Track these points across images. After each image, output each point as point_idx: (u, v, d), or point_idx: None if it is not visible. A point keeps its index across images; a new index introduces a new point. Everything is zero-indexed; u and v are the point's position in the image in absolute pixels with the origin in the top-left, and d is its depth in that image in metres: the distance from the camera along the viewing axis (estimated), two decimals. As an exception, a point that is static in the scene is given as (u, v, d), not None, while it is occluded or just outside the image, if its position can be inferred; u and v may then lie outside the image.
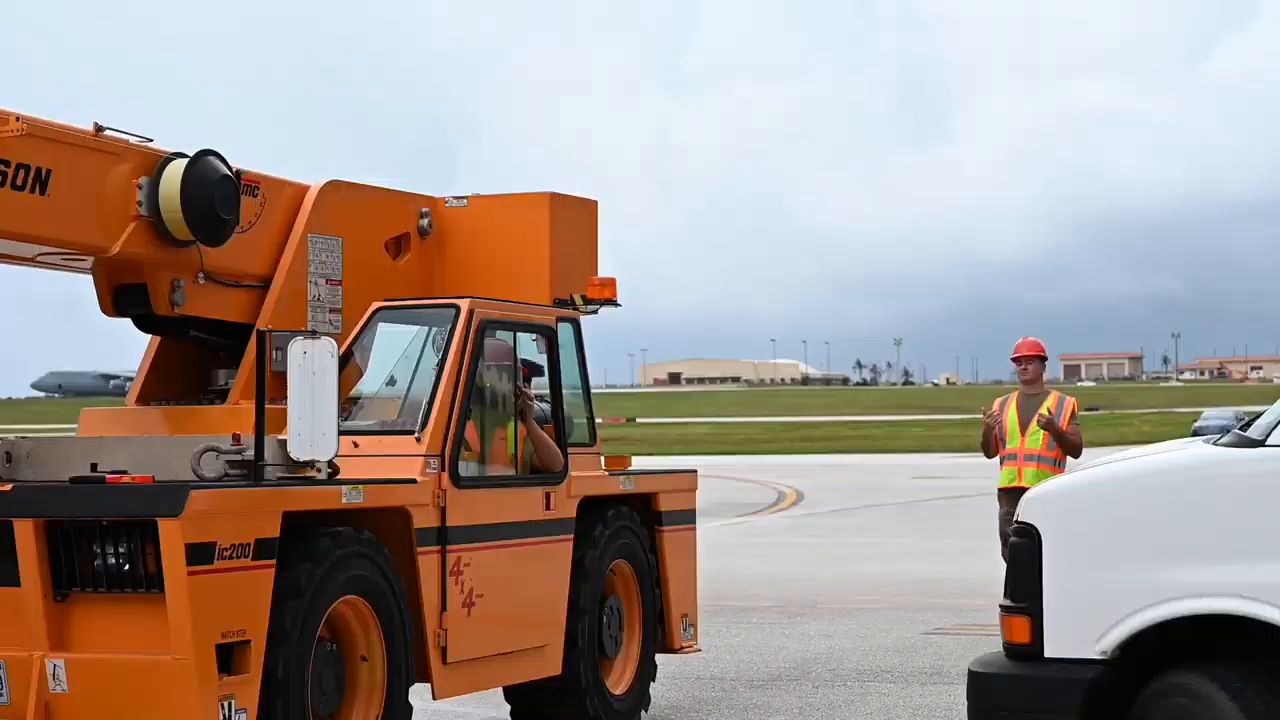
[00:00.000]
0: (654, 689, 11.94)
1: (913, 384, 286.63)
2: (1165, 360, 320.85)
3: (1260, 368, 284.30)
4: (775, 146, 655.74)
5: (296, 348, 8.65)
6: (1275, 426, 7.38)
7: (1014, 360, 14.22)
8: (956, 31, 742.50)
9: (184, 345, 10.63)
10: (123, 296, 10.07)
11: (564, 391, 11.08)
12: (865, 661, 14.41)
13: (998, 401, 14.12)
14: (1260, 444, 7.38)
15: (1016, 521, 7.81)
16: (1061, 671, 7.52)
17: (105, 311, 10.16)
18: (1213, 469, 7.52)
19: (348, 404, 10.00)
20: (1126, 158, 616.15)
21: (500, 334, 10.49)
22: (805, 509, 38.04)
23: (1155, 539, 7.47)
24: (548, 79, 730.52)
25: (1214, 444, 7.72)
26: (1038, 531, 7.64)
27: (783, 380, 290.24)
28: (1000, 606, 7.83)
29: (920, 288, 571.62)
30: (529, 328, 10.84)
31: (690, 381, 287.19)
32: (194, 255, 9.97)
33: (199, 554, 8.08)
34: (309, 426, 8.61)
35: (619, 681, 11.52)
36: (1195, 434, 50.17)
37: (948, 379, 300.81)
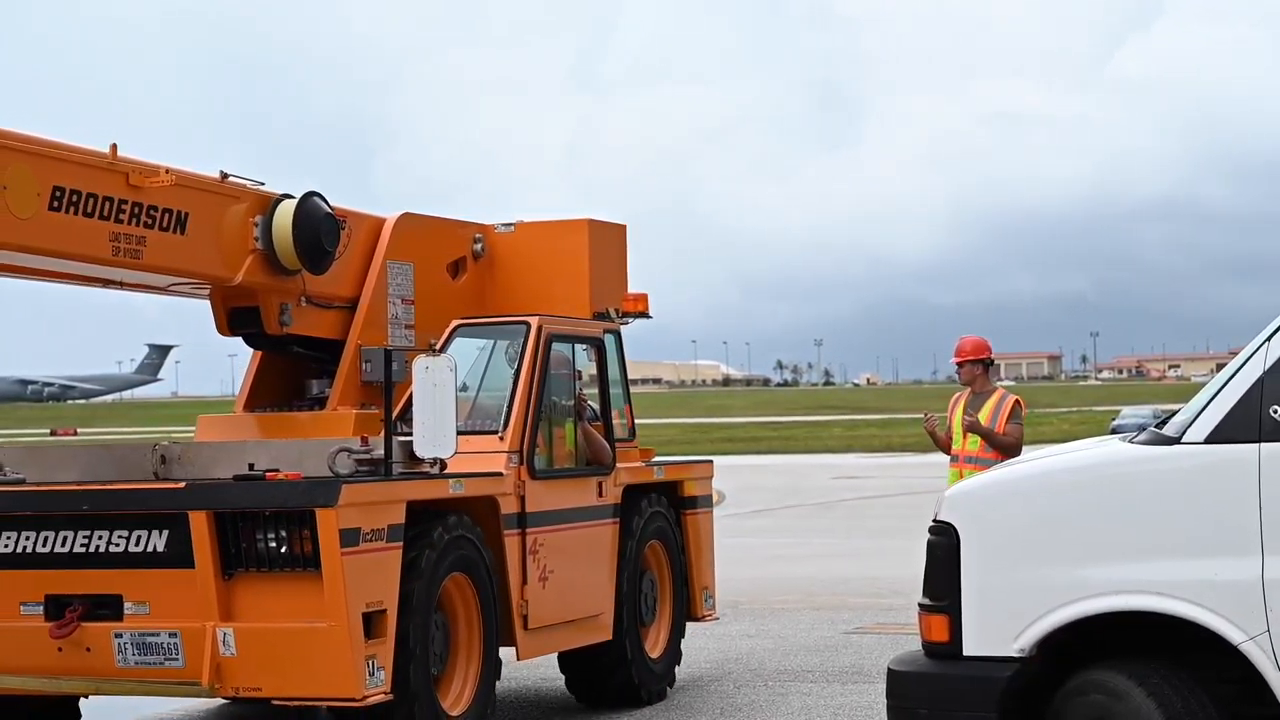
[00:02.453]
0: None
1: (833, 384, 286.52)
2: (1084, 359, 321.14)
3: (1178, 366, 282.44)
4: (692, 148, 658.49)
5: (420, 364, 10.21)
6: (1191, 424, 7.46)
7: (956, 363, 14.05)
8: (867, 33, 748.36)
9: (280, 359, 12.20)
10: (236, 318, 11.64)
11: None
12: (786, 661, 14.58)
13: (952, 399, 14.11)
14: (1176, 441, 7.46)
15: (934, 520, 7.82)
16: (980, 670, 7.57)
17: (221, 331, 11.71)
18: (1129, 466, 7.57)
19: None
20: (1035, 158, 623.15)
21: (559, 346, 12.10)
22: (726, 510, 37.63)
23: (1072, 537, 7.52)
24: (466, 79, 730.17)
25: (1130, 442, 7.80)
26: (955, 530, 7.69)
27: (704, 381, 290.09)
28: (919, 605, 7.90)
29: (840, 289, 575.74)
30: (583, 340, 12.52)
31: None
32: (299, 282, 11.56)
33: (349, 538, 9.63)
34: (432, 430, 10.16)
35: (655, 646, 13.17)
36: (1113, 432, 51.49)
37: (868, 379, 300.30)
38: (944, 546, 7.71)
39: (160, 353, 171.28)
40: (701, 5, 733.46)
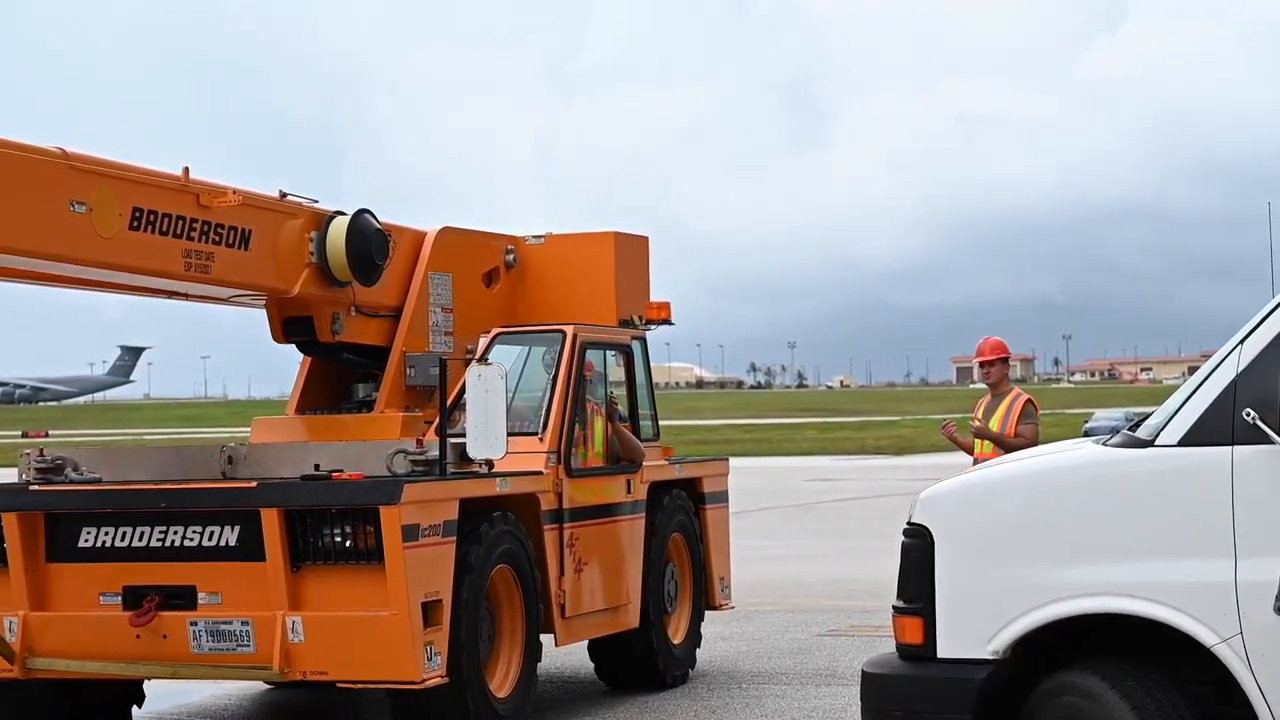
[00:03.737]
0: (550, 690, 13.51)
1: (807, 387, 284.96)
2: (1056, 362, 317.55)
3: (1150, 369, 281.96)
4: (662, 149, 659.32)
5: (473, 371, 10.98)
6: (1164, 427, 7.44)
7: (979, 364, 14.15)
8: (836, 34, 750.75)
9: (328, 364, 12.98)
10: (290, 326, 12.42)
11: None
12: (760, 663, 14.67)
13: (978, 403, 14.22)
14: (1149, 444, 7.45)
15: (909, 522, 7.81)
16: (954, 672, 7.57)
17: (276, 339, 12.51)
18: (1103, 469, 7.57)
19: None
20: (1003, 160, 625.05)
21: (592, 352, 12.89)
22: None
23: (1046, 539, 7.53)
24: (436, 79, 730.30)
25: (1104, 444, 7.78)
26: (930, 532, 7.69)
27: (678, 383, 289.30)
28: (893, 608, 7.89)
29: (813, 290, 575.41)
30: (614, 346, 13.33)
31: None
32: (349, 293, 12.34)
33: (410, 533, 10.40)
34: (484, 433, 10.92)
35: (676, 632, 13.99)
36: (1086, 434, 51.26)
37: (842, 381, 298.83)
38: (918, 548, 7.71)
39: (133, 354, 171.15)
40: (670, 6, 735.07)
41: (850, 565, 23.08)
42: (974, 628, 7.55)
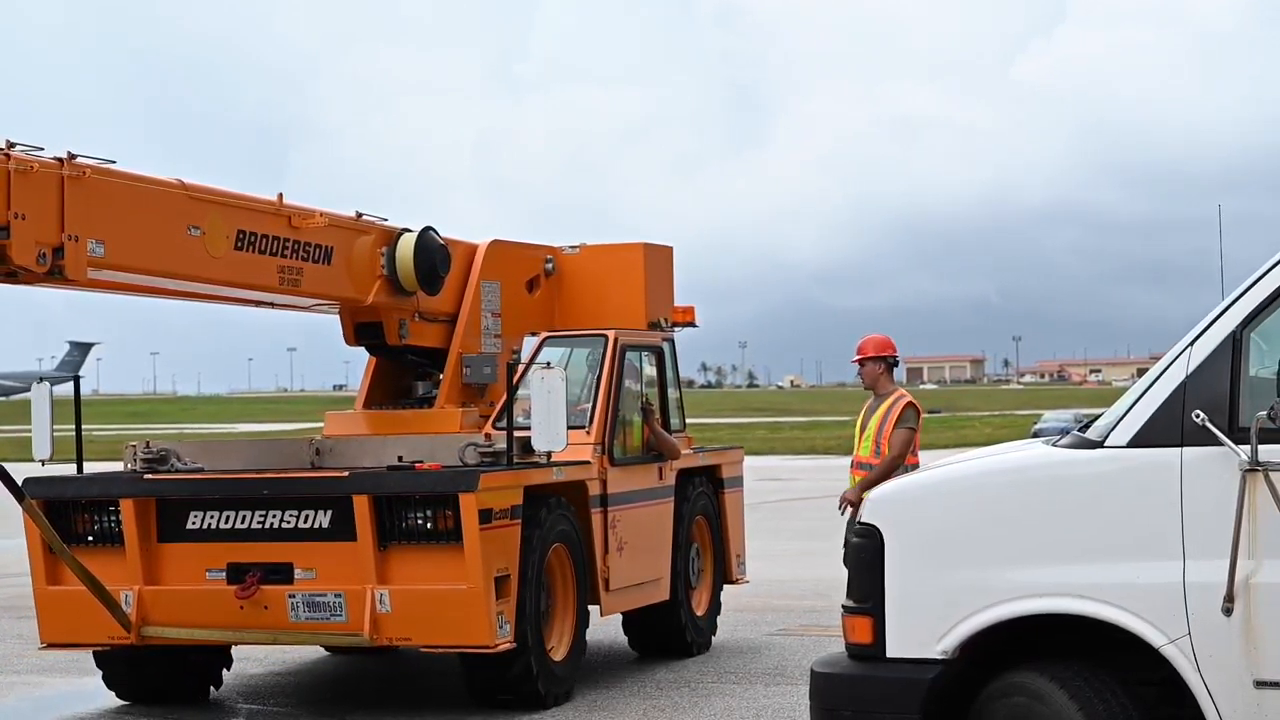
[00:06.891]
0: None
1: (758, 386, 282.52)
2: (1006, 363, 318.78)
3: (1099, 371, 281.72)
4: (608, 148, 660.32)
5: (536, 373, 12.41)
6: (1114, 428, 7.43)
7: (854, 361, 13.56)
8: (776, 36, 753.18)
9: (391, 363, 14.40)
10: (361, 331, 13.83)
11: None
12: (709, 663, 14.85)
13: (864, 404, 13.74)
14: (1099, 445, 7.45)
15: (859, 522, 7.87)
16: (903, 671, 7.59)
17: (348, 342, 13.93)
18: (1052, 470, 7.57)
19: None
20: (939, 161, 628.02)
21: (630, 354, 14.32)
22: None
23: (995, 540, 7.54)
24: (384, 78, 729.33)
25: (1053, 445, 7.81)
26: (880, 532, 7.71)
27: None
28: (843, 607, 7.91)
29: (763, 290, 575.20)
30: (648, 348, 14.78)
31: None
32: (414, 301, 13.75)
33: (485, 516, 11.84)
34: (547, 428, 12.34)
35: (700, 605, 15.46)
36: (1035, 436, 50.07)
37: (792, 381, 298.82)
38: (868, 548, 7.75)
39: (82, 350, 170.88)
40: (616, 6, 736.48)
41: (800, 565, 23.06)
42: (923, 627, 7.61)
